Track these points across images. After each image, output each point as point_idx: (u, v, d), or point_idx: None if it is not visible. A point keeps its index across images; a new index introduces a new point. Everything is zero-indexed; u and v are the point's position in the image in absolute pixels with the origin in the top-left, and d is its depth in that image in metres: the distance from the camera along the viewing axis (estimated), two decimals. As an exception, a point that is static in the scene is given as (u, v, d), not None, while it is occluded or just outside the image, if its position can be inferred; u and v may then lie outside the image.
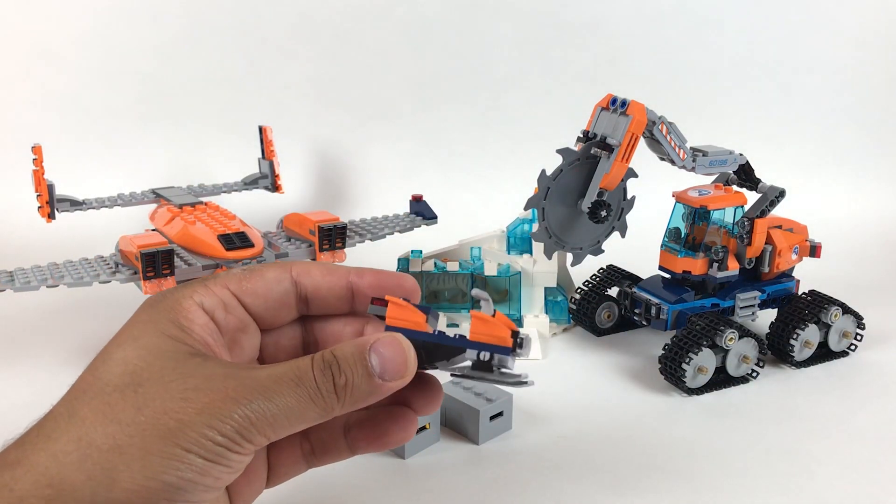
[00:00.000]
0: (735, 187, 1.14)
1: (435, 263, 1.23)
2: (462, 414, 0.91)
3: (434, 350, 0.51)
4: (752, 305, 1.13)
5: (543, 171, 1.01)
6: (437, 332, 0.51)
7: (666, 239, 1.15)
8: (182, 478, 0.43)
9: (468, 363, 0.52)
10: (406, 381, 0.50)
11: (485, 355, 0.51)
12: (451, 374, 0.52)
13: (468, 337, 0.51)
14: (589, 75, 1.73)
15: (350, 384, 0.48)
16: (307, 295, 0.54)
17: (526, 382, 0.52)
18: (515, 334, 0.51)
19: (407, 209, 1.35)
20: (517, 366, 0.52)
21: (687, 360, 1.00)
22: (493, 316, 0.51)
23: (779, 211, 1.15)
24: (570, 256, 1.11)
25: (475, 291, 0.50)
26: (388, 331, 0.51)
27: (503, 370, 0.51)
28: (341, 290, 0.54)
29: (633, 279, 1.21)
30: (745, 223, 1.10)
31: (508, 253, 1.27)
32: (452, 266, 1.22)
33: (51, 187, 1.20)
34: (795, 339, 1.08)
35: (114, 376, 0.46)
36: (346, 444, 0.56)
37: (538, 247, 1.11)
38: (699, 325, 1.04)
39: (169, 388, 0.45)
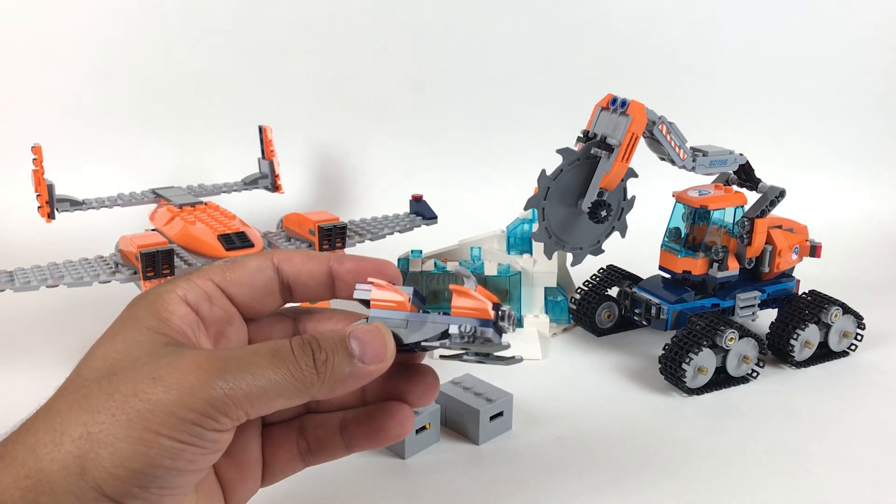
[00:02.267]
0: (735, 187, 1.14)
1: (435, 263, 1.23)
2: (462, 414, 0.91)
3: (418, 328, 0.51)
4: (753, 305, 1.13)
5: (543, 171, 1.01)
6: (419, 311, 0.51)
7: (666, 239, 1.15)
8: (150, 464, 0.42)
9: (455, 341, 0.51)
10: (386, 366, 0.49)
11: (465, 327, 0.51)
12: (442, 357, 0.53)
13: (450, 312, 0.51)
14: (589, 75, 1.73)
15: (330, 362, 0.47)
16: (289, 281, 0.54)
17: (514, 359, 0.52)
18: (497, 306, 0.51)
19: (407, 209, 1.35)
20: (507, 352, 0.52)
21: (687, 360, 1.00)
22: (475, 290, 0.51)
23: (779, 211, 1.15)
24: (570, 256, 1.11)
25: (457, 268, 0.50)
26: (372, 313, 0.52)
27: (491, 351, 0.52)
28: (322, 276, 0.54)
29: (634, 279, 1.21)
30: (746, 223, 1.10)
31: (508, 253, 1.27)
32: (452, 266, 1.22)
33: (51, 187, 1.20)
34: (795, 339, 1.08)
35: (92, 370, 0.46)
36: (343, 441, 0.56)
37: (538, 247, 1.11)
38: (699, 325, 1.04)
39: (140, 371, 0.45)
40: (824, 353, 1.12)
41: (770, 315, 1.16)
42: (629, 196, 1.07)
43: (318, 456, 0.56)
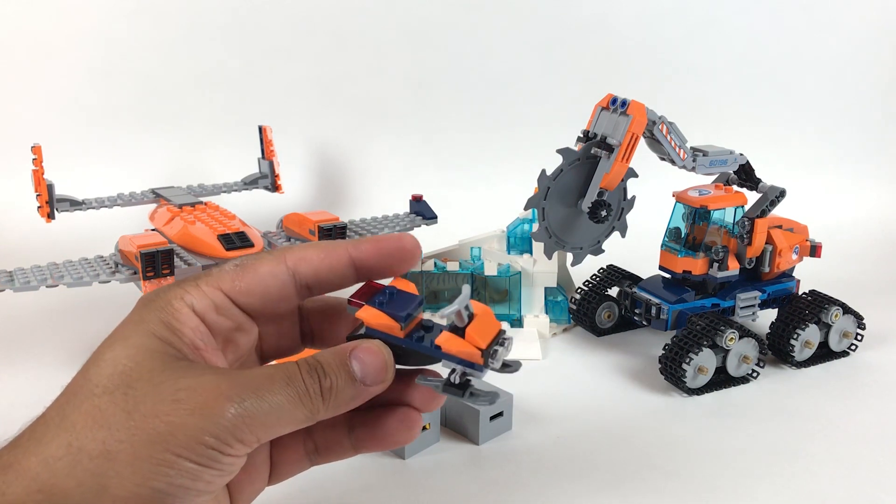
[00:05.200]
0: (735, 187, 1.14)
1: (435, 263, 1.23)
2: (462, 414, 0.91)
3: (409, 354, 0.52)
4: (753, 305, 1.13)
5: (543, 171, 1.01)
6: (413, 339, 0.51)
7: (666, 239, 1.15)
8: (172, 483, 0.43)
9: (439, 382, 0.52)
10: (386, 386, 0.50)
11: (455, 378, 0.51)
12: (419, 381, 0.53)
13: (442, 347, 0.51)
14: (589, 75, 1.73)
15: (334, 387, 0.48)
16: (307, 282, 0.53)
17: (496, 398, 0.53)
18: (486, 352, 0.50)
19: (407, 209, 1.35)
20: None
21: (687, 360, 1.00)
22: (469, 319, 0.50)
23: (779, 211, 1.15)
24: (570, 256, 1.11)
25: (441, 314, 0.49)
26: (367, 332, 0.52)
27: (473, 393, 0.52)
28: (343, 269, 0.53)
29: (634, 279, 1.21)
30: (746, 223, 1.10)
31: (508, 253, 1.27)
32: (452, 266, 1.22)
33: (50, 187, 1.20)
34: (796, 339, 1.08)
35: (104, 378, 0.45)
36: (351, 443, 0.56)
37: (538, 247, 1.11)
38: (699, 325, 1.04)
39: (160, 389, 0.44)
40: (824, 353, 1.12)
41: (770, 315, 1.16)
42: (629, 196, 1.07)
43: (326, 456, 0.57)
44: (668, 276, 1.15)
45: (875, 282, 1.44)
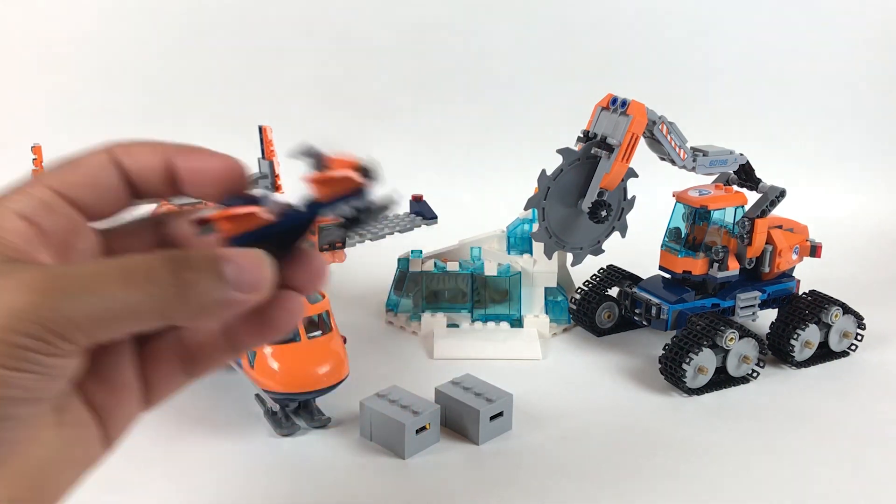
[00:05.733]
0: (735, 187, 1.14)
1: (435, 263, 1.23)
2: (462, 414, 0.91)
3: (283, 238, 0.45)
4: (753, 305, 1.13)
5: (543, 171, 1.01)
6: (283, 215, 0.45)
7: (666, 239, 1.15)
8: None
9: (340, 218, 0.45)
10: (260, 298, 0.44)
11: (351, 210, 0.44)
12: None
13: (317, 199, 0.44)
14: (589, 75, 1.73)
15: (196, 283, 0.41)
16: (131, 177, 0.48)
17: (388, 203, 0.45)
18: (361, 167, 0.44)
19: (407, 209, 1.35)
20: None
21: (687, 360, 1.00)
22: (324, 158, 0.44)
23: (779, 211, 1.15)
24: (570, 256, 1.11)
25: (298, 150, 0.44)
26: (231, 244, 0.45)
27: (368, 209, 0.45)
28: (162, 172, 0.48)
29: (634, 279, 1.21)
30: (746, 223, 1.10)
31: (508, 253, 1.27)
32: (452, 266, 1.22)
33: (50, 187, 1.20)
34: (796, 339, 1.08)
35: None
36: (228, 342, 0.49)
37: (538, 247, 1.11)
38: (699, 325, 1.04)
39: None
40: (824, 353, 1.12)
41: (770, 315, 1.16)
42: (629, 196, 1.08)
43: (203, 363, 0.50)
44: (668, 276, 1.15)
45: (875, 282, 1.43)
